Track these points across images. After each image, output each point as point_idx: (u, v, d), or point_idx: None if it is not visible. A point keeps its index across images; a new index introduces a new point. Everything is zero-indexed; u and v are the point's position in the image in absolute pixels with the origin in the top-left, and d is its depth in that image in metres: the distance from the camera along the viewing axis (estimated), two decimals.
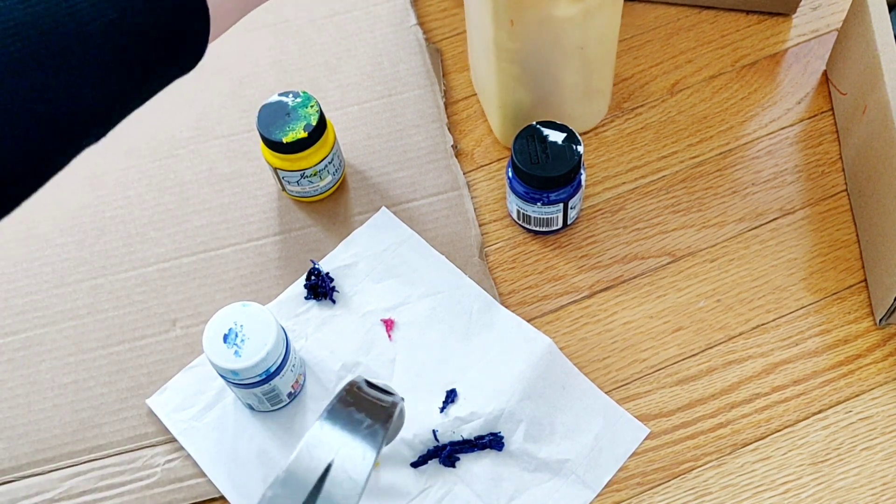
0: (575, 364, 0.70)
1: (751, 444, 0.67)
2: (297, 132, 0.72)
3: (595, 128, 0.81)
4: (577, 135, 0.71)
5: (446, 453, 0.67)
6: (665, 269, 0.74)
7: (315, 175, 0.75)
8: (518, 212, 0.74)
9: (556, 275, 0.74)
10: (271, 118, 0.72)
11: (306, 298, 0.74)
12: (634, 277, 0.74)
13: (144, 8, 0.41)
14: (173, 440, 0.69)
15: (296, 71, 0.85)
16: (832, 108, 0.81)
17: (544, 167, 0.70)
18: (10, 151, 0.40)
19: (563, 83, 0.74)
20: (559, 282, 0.74)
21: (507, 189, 0.74)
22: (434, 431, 0.67)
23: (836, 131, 0.79)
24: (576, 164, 0.70)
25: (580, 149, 0.70)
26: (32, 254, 0.78)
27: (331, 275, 0.74)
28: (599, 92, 0.78)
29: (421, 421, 0.68)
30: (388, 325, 0.72)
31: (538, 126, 0.71)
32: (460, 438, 0.67)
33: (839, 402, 0.68)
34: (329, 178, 0.76)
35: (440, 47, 0.86)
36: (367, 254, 0.75)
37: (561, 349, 0.71)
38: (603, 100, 0.79)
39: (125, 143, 0.83)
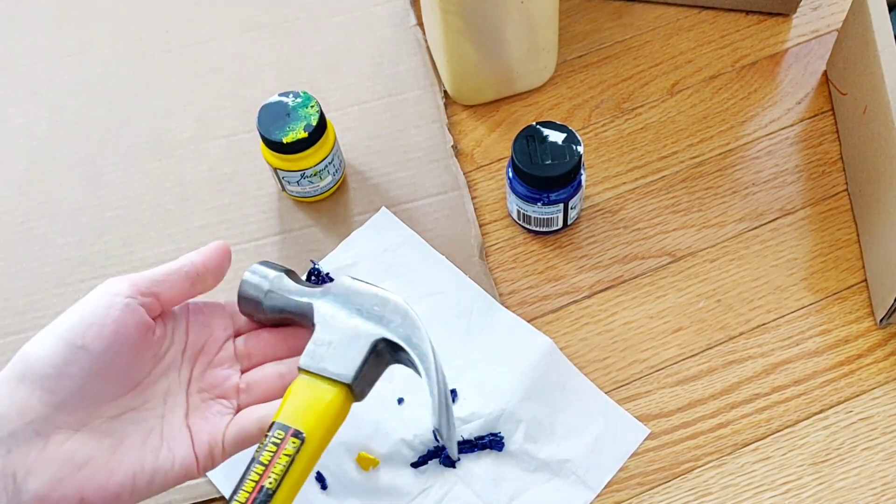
0: (575, 364, 0.70)
1: (751, 444, 0.67)
2: (298, 132, 0.72)
3: (544, 86, 0.83)
4: (577, 135, 0.71)
5: (446, 453, 0.67)
6: (665, 269, 0.74)
7: (315, 175, 0.75)
8: (518, 212, 0.74)
9: (556, 275, 0.74)
10: (271, 118, 0.72)
11: None
12: (634, 277, 0.74)
13: None
14: None
15: (296, 71, 0.85)
16: (832, 108, 0.80)
17: (544, 167, 0.70)
18: None
19: (507, 38, 0.75)
20: (559, 282, 0.74)
21: (507, 189, 0.74)
22: (434, 431, 0.67)
23: (837, 131, 0.79)
24: (576, 164, 0.70)
25: (580, 149, 0.70)
26: (32, 254, 0.78)
27: (331, 275, 0.74)
28: (545, 49, 0.79)
29: (421, 421, 0.68)
30: None
31: (538, 126, 0.71)
32: (460, 438, 0.67)
33: (839, 402, 0.68)
34: (329, 178, 0.76)
35: None
36: (367, 254, 0.75)
37: (561, 349, 0.70)
38: (549, 58, 0.81)
39: (125, 143, 0.83)
